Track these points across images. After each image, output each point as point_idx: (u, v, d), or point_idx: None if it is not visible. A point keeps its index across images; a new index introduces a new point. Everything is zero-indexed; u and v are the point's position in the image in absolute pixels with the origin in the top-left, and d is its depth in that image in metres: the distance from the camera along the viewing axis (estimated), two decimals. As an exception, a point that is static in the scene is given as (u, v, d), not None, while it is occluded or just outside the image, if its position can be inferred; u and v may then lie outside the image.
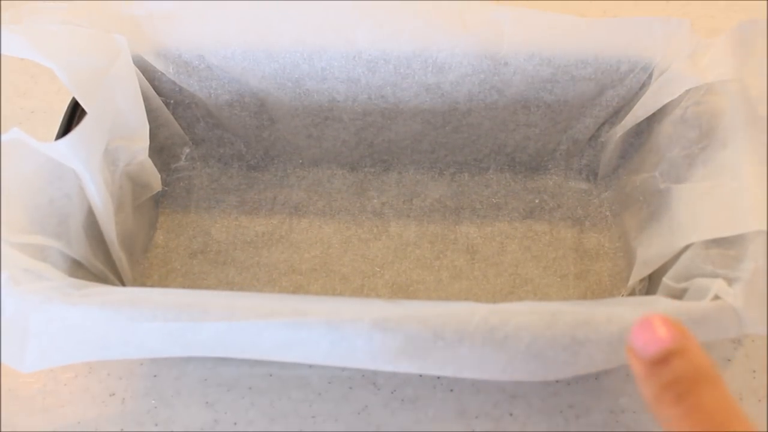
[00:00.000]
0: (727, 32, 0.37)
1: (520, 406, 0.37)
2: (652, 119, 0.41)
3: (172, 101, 0.43)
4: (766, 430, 0.36)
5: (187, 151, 0.46)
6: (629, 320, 0.29)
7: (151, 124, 0.40)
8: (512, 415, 0.37)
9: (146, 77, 0.41)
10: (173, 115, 0.43)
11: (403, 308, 0.30)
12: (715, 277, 0.32)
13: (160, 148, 0.44)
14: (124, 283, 0.39)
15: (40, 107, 0.50)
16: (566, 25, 0.39)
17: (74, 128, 0.35)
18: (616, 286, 0.42)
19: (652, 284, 0.38)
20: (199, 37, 0.40)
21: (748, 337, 0.39)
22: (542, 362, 0.28)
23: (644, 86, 0.40)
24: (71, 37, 0.37)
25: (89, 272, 0.36)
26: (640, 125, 0.42)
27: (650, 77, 0.40)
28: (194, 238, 0.44)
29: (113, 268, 0.39)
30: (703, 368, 0.23)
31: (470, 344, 0.28)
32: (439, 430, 0.36)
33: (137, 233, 0.42)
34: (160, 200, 0.45)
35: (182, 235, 0.44)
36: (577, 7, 0.55)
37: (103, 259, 0.38)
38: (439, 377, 0.38)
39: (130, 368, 0.38)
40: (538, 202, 0.45)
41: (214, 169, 0.47)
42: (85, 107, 0.36)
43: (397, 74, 0.41)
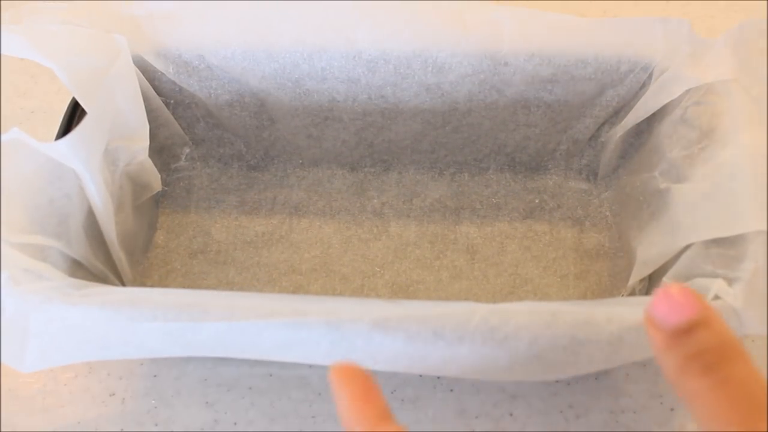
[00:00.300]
0: (727, 32, 0.37)
1: (520, 406, 0.37)
2: (652, 119, 0.41)
3: (172, 101, 0.43)
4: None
5: (187, 151, 0.46)
6: (629, 320, 0.29)
7: (151, 124, 0.40)
8: (512, 415, 0.37)
9: (146, 77, 0.41)
10: (173, 115, 0.43)
11: (403, 308, 0.30)
12: (715, 277, 0.32)
13: (160, 148, 0.44)
14: (124, 283, 0.39)
15: (40, 107, 0.50)
16: (566, 25, 0.39)
17: (74, 128, 0.35)
18: (616, 286, 0.42)
19: (652, 284, 0.38)
20: (199, 37, 0.40)
21: (748, 337, 0.39)
22: (542, 362, 0.28)
23: (644, 86, 0.40)
24: (71, 37, 0.37)
25: (89, 272, 0.36)
26: (640, 125, 0.42)
27: (650, 77, 0.40)
28: (194, 238, 0.44)
29: (113, 268, 0.39)
30: (731, 341, 0.22)
31: (470, 344, 0.28)
32: (439, 430, 0.36)
33: (137, 233, 0.42)
34: (160, 200, 0.45)
35: (182, 235, 0.44)
36: (577, 7, 0.55)
37: (103, 259, 0.38)
38: (439, 377, 0.38)
39: (130, 368, 0.38)
40: (538, 202, 0.45)
41: (214, 169, 0.47)
42: (85, 107, 0.36)
43: (397, 74, 0.41)
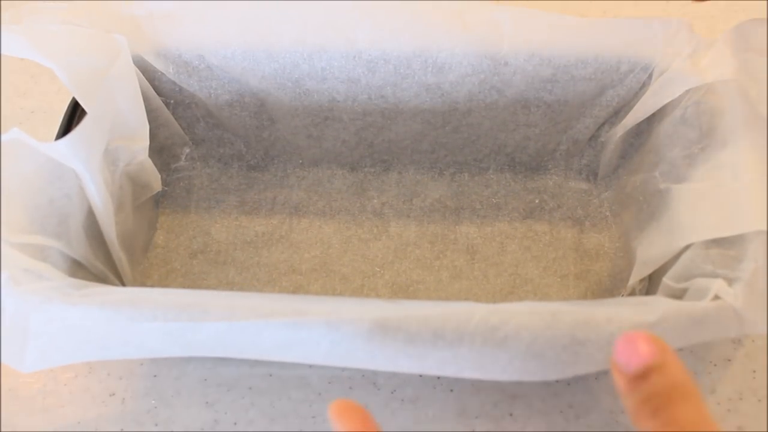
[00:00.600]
0: (727, 32, 0.37)
1: (520, 406, 0.37)
2: (652, 119, 0.41)
3: (172, 101, 0.43)
4: (766, 430, 0.36)
5: (187, 151, 0.46)
6: (629, 320, 0.29)
7: (151, 124, 0.40)
8: (512, 415, 0.37)
9: (146, 77, 0.41)
10: (173, 115, 0.43)
11: (403, 308, 0.30)
12: (715, 277, 0.32)
13: (160, 148, 0.44)
14: (124, 283, 0.39)
15: (40, 107, 0.50)
16: (566, 25, 0.39)
17: (74, 128, 0.35)
18: (616, 286, 0.42)
19: (652, 284, 0.38)
20: (199, 37, 0.40)
21: (748, 337, 0.39)
22: (542, 362, 0.28)
23: (644, 86, 0.40)
24: (71, 37, 0.37)
25: (89, 272, 0.36)
26: (640, 125, 0.42)
27: (650, 77, 0.40)
28: (194, 238, 0.44)
29: (113, 268, 0.39)
30: (679, 383, 0.24)
31: (470, 344, 0.28)
32: (439, 430, 0.36)
33: (137, 233, 0.42)
34: (160, 200, 0.45)
35: (182, 235, 0.44)
36: (577, 7, 0.55)
37: (103, 259, 0.38)
38: (439, 377, 0.38)
39: (130, 368, 0.38)
40: (538, 202, 0.45)
41: (214, 169, 0.47)
42: (85, 107, 0.36)
43: (397, 74, 0.41)
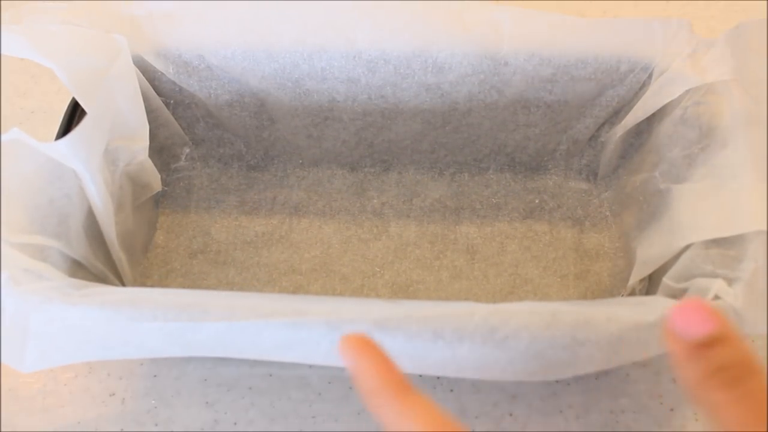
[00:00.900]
0: (727, 32, 0.37)
1: (520, 406, 0.37)
2: (652, 119, 0.41)
3: (172, 101, 0.43)
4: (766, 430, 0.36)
5: (187, 151, 0.46)
6: (629, 320, 0.29)
7: (151, 124, 0.40)
8: (512, 415, 0.37)
9: (146, 77, 0.41)
10: (173, 115, 0.43)
11: (403, 308, 0.30)
12: (715, 277, 0.32)
13: (160, 148, 0.44)
14: (124, 283, 0.39)
15: (40, 107, 0.50)
16: (566, 25, 0.39)
17: (74, 128, 0.35)
18: (616, 286, 0.42)
19: (652, 284, 0.38)
20: (199, 37, 0.40)
21: (748, 337, 0.39)
22: (542, 362, 0.28)
23: (644, 86, 0.40)
24: (71, 37, 0.37)
25: (89, 272, 0.36)
26: (640, 125, 0.42)
27: (650, 77, 0.40)
28: (194, 238, 0.44)
29: (113, 268, 0.39)
30: (750, 356, 0.24)
31: (470, 344, 0.28)
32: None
33: (137, 233, 0.42)
34: (160, 200, 0.45)
35: (182, 235, 0.44)
36: (577, 7, 0.55)
37: (103, 259, 0.38)
38: (439, 377, 0.38)
39: (130, 368, 0.38)
40: (538, 202, 0.45)
41: (214, 169, 0.47)
42: (85, 107, 0.36)
43: (397, 74, 0.41)
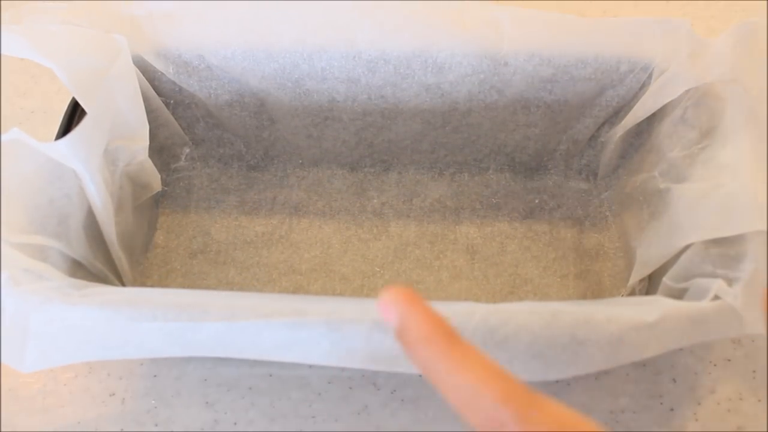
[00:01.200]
0: (727, 32, 0.37)
1: (520, 406, 0.37)
2: (652, 119, 0.41)
3: (172, 101, 0.43)
4: (766, 430, 0.36)
5: (187, 151, 0.46)
6: (629, 320, 0.29)
7: (151, 124, 0.40)
8: (512, 415, 0.37)
9: (146, 77, 0.41)
10: (173, 115, 0.43)
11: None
12: (715, 277, 0.32)
13: (160, 148, 0.44)
14: (124, 283, 0.39)
15: (40, 107, 0.50)
16: (566, 25, 0.39)
17: (74, 128, 0.35)
18: (616, 286, 0.42)
19: (652, 284, 0.38)
20: (199, 37, 0.40)
21: (748, 337, 0.39)
22: (542, 362, 0.28)
23: (644, 86, 0.40)
24: (71, 37, 0.37)
25: (89, 272, 0.36)
26: (640, 125, 0.42)
27: (650, 77, 0.40)
28: (194, 238, 0.44)
29: (113, 268, 0.39)
30: None
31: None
32: (439, 430, 0.36)
33: (137, 233, 0.42)
34: (160, 200, 0.45)
35: (182, 235, 0.44)
36: (577, 7, 0.55)
37: (103, 259, 0.38)
38: (439, 377, 0.38)
39: (130, 368, 0.38)
40: (538, 202, 0.45)
41: (214, 169, 0.47)
42: (85, 107, 0.36)
43: (397, 74, 0.41)
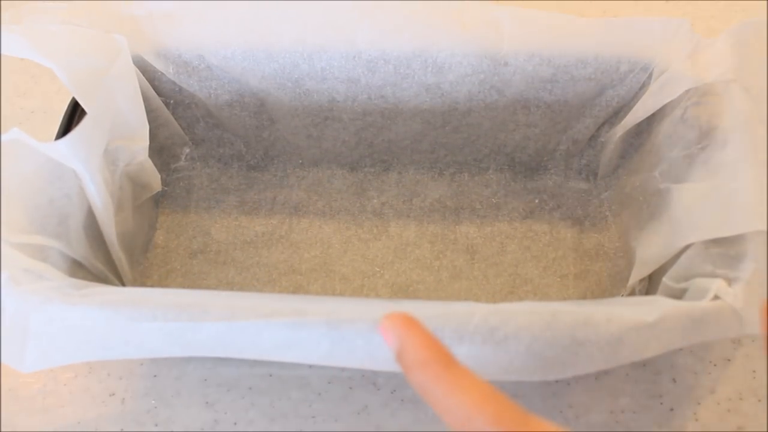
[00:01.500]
0: (727, 32, 0.37)
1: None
2: (652, 119, 0.41)
3: (172, 101, 0.43)
4: (766, 430, 0.36)
5: (187, 151, 0.46)
6: (629, 320, 0.29)
7: (151, 124, 0.40)
8: (512, 415, 0.37)
9: (146, 77, 0.41)
10: (173, 115, 0.43)
11: (403, 308, 0.30)
12: (715, 277, 0.32)
13: (160, 148, 0.44)
14: (124, 283, 0.39)
15: (40, 107, 0.50)
16: (566, 25, 0.39)
17: (74, 128, 0.35)
18: (616, 286, 0.42)
19: (652, 284, 0.38)
20: (199, 37, 0.40)
21: (748, 337, 0.39)
22: (542, 362, 0.28)
23: (644, 86, 0.40)
24: (71, 37, 0.37)
25: (89, 272, 0.36)
26: (640, 125, 0.42)
27: (650, 77, 0.40)
28: (194, 238, 0.44)
29: (113, 268, 0.39)
30: None
31: (470, 344, 0.28)
32: (439, 430, 0.36)
33: (137, 233, 0.42)
34: (160, 200, 0.45)
35: (182, 235, 0.44)
36: (577, 7, 0.55)
37: (103, 259, 0.38)
38: (439, 377, 0.38)
39: (130, 368, 0.38)
40: (538, 202, 0.45)
41: (214, 169, 0.47)
42: (85, 107, 0.36)
43: (397, 74, 0.41)
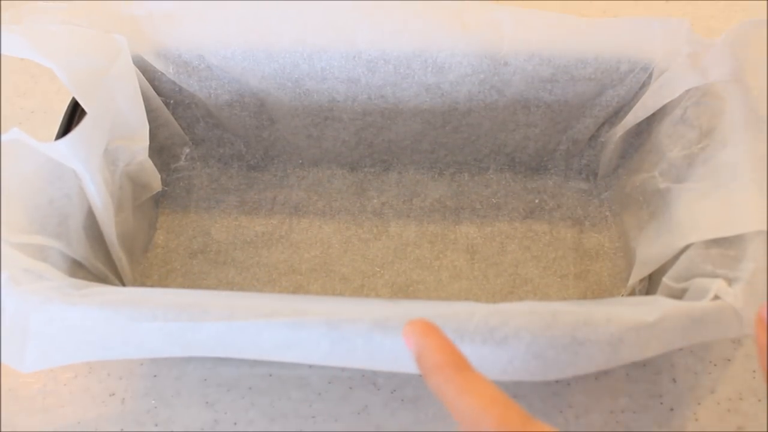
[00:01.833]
0: (727, 32, 0.37)
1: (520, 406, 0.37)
2: (652, 119, 0.41)
3: (172, 101, 0.43)
4: (766, 430, 0.36)
5: (187, 151, 0.46)
6: (629, 320, 0.29)
7: (151, 124, 0.40)
8: (512, 415, 0.37)
9: (146, 77, 0.41)
10: (173, 115, 0.43)
11: (403, 308, 0.30)
12: (715, 277, 0.32)
13: (160, 148, 0.44)
14: (124, 283, 0.39)
15: (40, 107, 0.50)
16: (566, 25, 0.39)
17: (74, 128, 0.35)
18: (616, 286, 0.42)
19: (652, 284, 0.38)
20: (199, 37, 0.40)
21: (748, 337, 0.39)
22: (542, 362, 0.28)
23: (644, 86, 0.40)
24: (71, 37, 0.37)
25: (89, 272, 0.36)
26: (640, 125, 0.42)
27: (650, 77, 0.40)
28: (194, 238, 0.44)
29: (113, 268, 0.39)
30: None
31: (470, 344, 0.28)
32: (439, 430, 0.36)
33: (137, 233, 0.42)
34: (160, 200, 0.45)
35: (182, 235, 0.44)
36: (577, 7, 0.55)
37: (103, 259, 0.38)
38: (439, 377, 0.38)
39: (130, 368, 0.38)
40: (538, 202, 0.45)
41: (214, 169, 0.47)
42: (85, 107, 0.36)
43: (397, 74, 0.41)
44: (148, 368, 0.38)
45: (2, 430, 0.36)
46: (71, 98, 0.38)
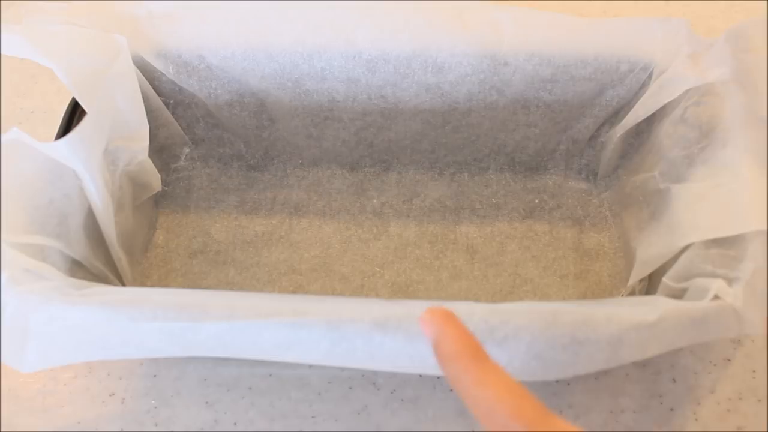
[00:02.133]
0: (727, 32, 0.37)
1: (520, 406, 0.37)
2: (652, 119, 0.41)
3: (172, 101, 0.43)
4: (766, 430, 0.36)
5: (187, 151, 0.46)
6: (629, 320, 0.29)
7: (151, 124, 0.40)
8: (512, 415, 0.37)
9: (146, 77, 0.41)
10: (173, 115, 0.43)
11: (403, 308, 0.30)
12: (715, 277, 0.32)
13: (160, 148, 0.44)
14: (124, 283, 0.39)
15: (40, 107, 0.50)
16: (566, 25, 0.39)
17: (74, 128, 0.35)
18: (616, 286, 0.42)
19: (652, 284, 0.38)
20: (199, 37, 0.40)
21: (748, 337, 0.39)
22: (542, 362, 0.28)
23: (644, 86, 0.40)
24: (71, 37, 0.37)
25: (89, 272, 0.36)
26: (640, 125, 0.42)
27: (650, 77, 0.40)
28: (194, 238, 0.44)
29: (113, 268, 0.39)
30: None
31: (470, 344, 0.28)
32: (439, 430, 0.36)
33: (137, 233, 0.42)
34: (160, 200, 0.45)
35: (182, 235, 0.44)
36: (577, 7, 0.55)
37: (103, 259, 0.38)
38: (439, 377, 0.38)
39: (130, 368, 0.38)
40: (538, 202, 0.45)
41: (214, 169, 0.47)
42: (85, 107, 0.36)
43: (397, 74, 0.41)
44: (148, 368, 0.38)
45: (2, 430, 0.36)
46: (71, 98, 0.38)
